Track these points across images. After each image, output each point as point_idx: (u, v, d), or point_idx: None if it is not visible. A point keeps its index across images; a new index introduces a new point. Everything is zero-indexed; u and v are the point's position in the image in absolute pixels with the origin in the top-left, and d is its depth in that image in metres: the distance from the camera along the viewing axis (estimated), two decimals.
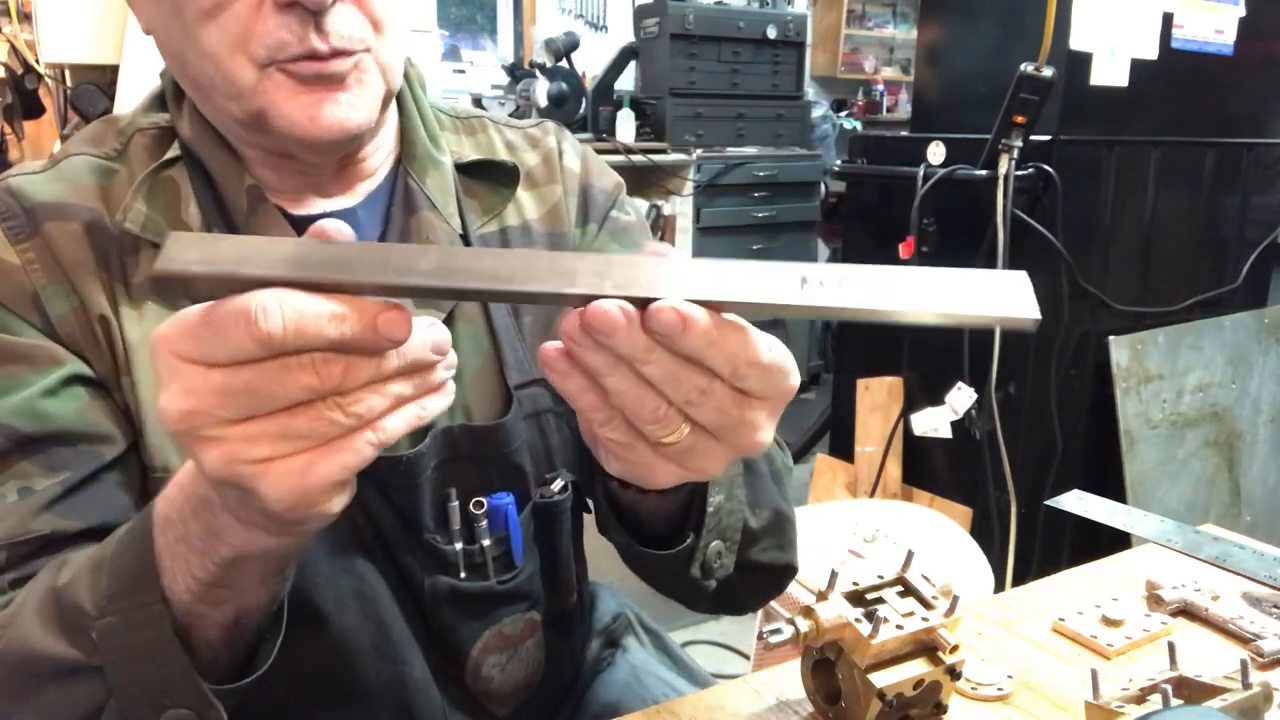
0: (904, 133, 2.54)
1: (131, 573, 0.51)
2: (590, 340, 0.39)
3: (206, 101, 0.66)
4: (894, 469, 2.36)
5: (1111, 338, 2.11)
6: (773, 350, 0.42)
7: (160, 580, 0.50)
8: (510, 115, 0.90)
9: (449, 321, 0.72)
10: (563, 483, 0.76)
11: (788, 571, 0.73)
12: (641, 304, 0.40)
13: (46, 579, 0.56)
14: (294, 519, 0.43)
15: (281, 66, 0.61)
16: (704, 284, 0.40)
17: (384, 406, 0.40)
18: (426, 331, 0.41)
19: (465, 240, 0.75)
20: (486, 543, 0.72)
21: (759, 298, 0.40)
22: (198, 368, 0.39)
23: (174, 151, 0.69)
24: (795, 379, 0.43)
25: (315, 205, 0.71)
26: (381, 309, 0.38)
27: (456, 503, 0.71)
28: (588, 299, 0.39)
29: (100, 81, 2.18)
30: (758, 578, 0.70)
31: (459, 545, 0.71)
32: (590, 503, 0.84)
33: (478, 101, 3.79)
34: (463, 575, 0.72)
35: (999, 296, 0.39)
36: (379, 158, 0.74)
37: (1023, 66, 1.89)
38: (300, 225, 0.69)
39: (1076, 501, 1.03)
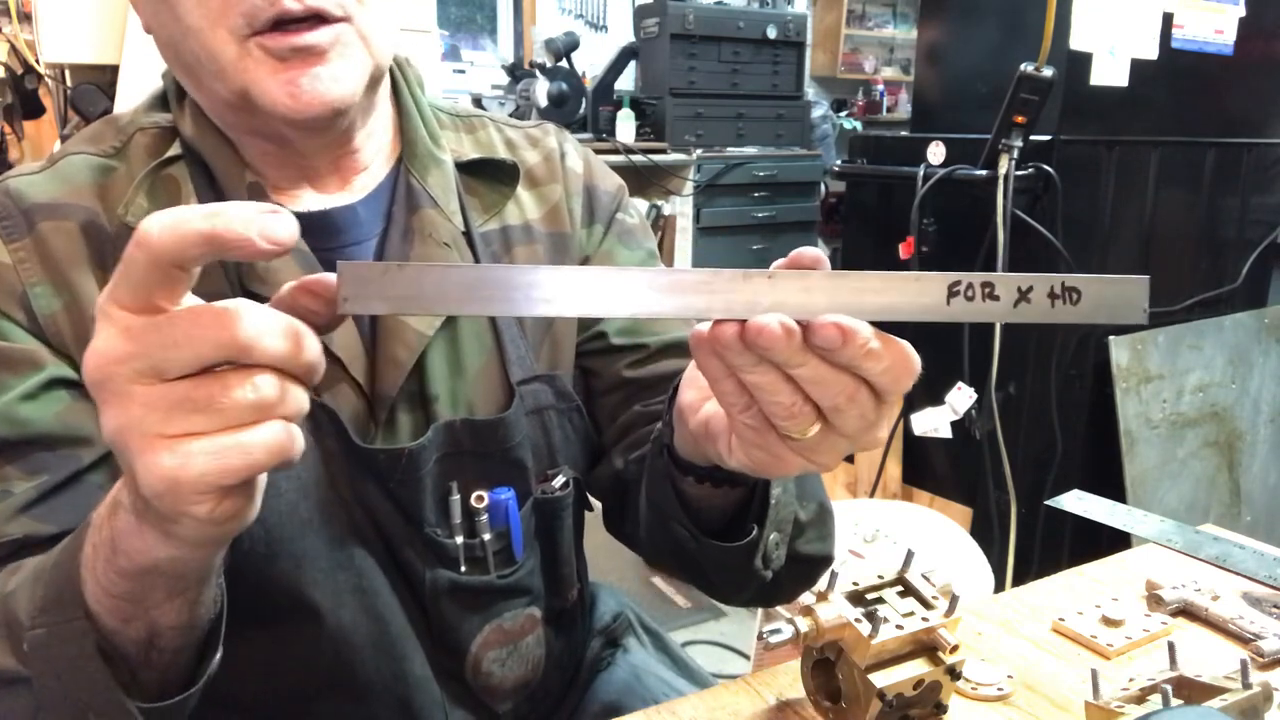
0: (904, 133, 2.54)
1: (60, 585, 0.50)
2: (740, 343, 0.41)
3: (199, 89, 0.66)
4: (894, 469, 2.36)
5: (1111, 338, 2.11)
6: (913, 352, 0.44)
7: (83, 594, 0.49)
8: (510, 115, 0.90)
9: (451, 317, 0.72)
10: (564, 479, 0.77)
11: (826, 562, 0.74)
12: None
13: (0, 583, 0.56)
14: (163, 509, 0.42)
15: (260, 42, 0.61)
16: (856, 300, 0.41)
17: (274, 394, 0.40)
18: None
19: (468, 238, 0.75)
20: (487, 537, 0.72)
21: (910, 315, 0.41)
22: (125, 314, 0.39)
23: (175, 150, 0.69)
24: (919, 366, 0.45)
25: (315, 202, 0.71)
26: (266, 211, 0.38)
27: (458, 496, 0.71)
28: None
29: (100, 81, 2.18)
30: (800, 569, 0.71)
31: (460, 539, 0.72)
32: (593, 500, 0.84)
33: (478, 101, 3.79)
34: (463, 569, 0.72)
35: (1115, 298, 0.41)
36: (372, 150, 0.73)
37: (1023, 66, 1.89)
38: (300, 222, 0.69)
39: (1076, 501, 1.03)
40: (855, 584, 0.67)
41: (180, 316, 0.39)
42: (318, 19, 0.61)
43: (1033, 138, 1.96)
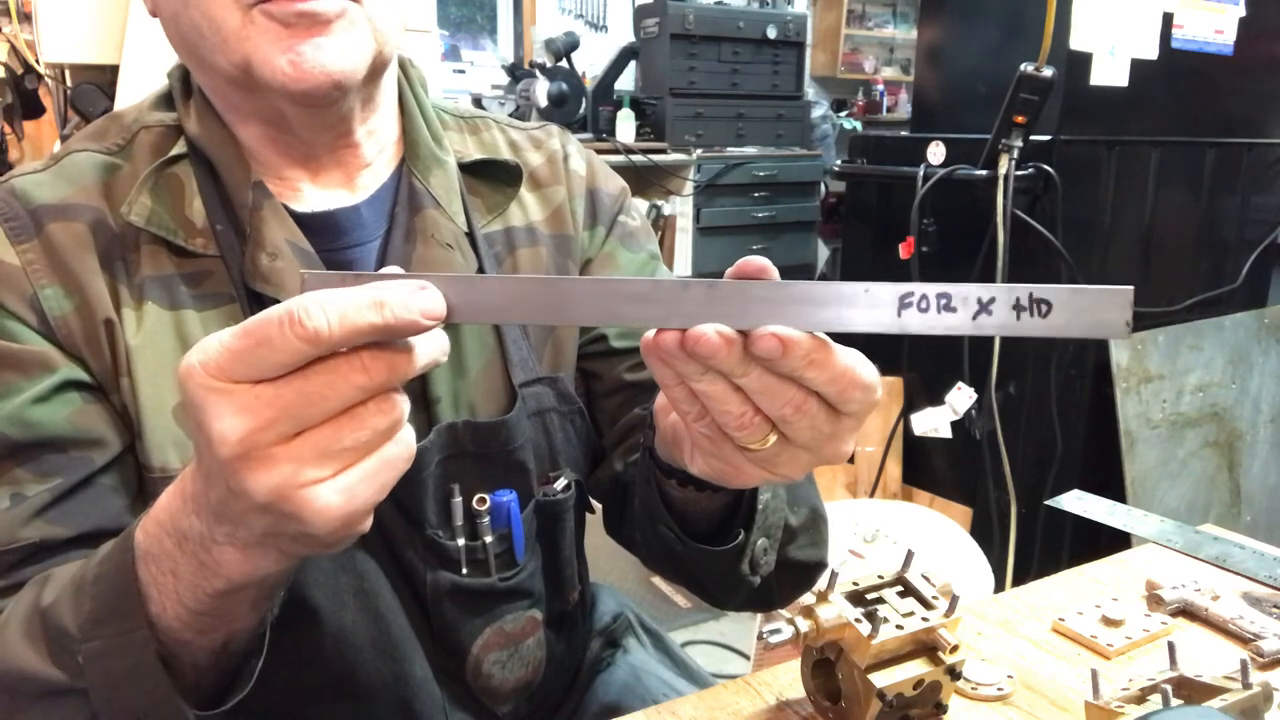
0: (904, 133, 2.54)
1: (114, 598, 0.51)
2: (683, 352, 0.41)
3: (201, 69, 0.66)
4: (894, 469, 2.36)
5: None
6: (864, 366, 0.43)
7: (146, 607, 0.50)
8: (510, 115, 0.90)
9: None
10: (565, 481, 0.77)
11: (819, 568, 0.74)
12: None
13: (31, 596, 0.56)
14: (331, 541, 0.44)
15: (264, 9, 0.60)
16: (801, 310, 0.41)
17: (403, 409, 0.42)
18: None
19: (471, 239, 0.75)
20: (489, 539, 0.72)
21: (857, 326, 0.41)
22: (244, 386, 0.39)
23: (179, 148, 0.69)
24: (880, 392, 0.45)
25: (319, 201, 0.71)
26: (419, 289, 0.40)
27: (460, 499, 0.71)
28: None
29: (100, 81, 2.18)
30: (793, 574, 0.71)
31: (461, 541, 0.72)
32: (595, 503, 0.84)
33: (478, 101, 3.79)
34: (464, 571, 0.72)
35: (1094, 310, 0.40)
36: (374, 147, 0.73)
37: (1023, 66, 1.89)
38: (304, 221, 0.69)
39: (1076, 501, 1.03)
40: (855, 584, 0.67)
41: (315, 373, 0.39)
42: None
43: (1033, 138, 1.96)
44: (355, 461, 0.41)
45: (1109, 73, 2.04)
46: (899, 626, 0.63)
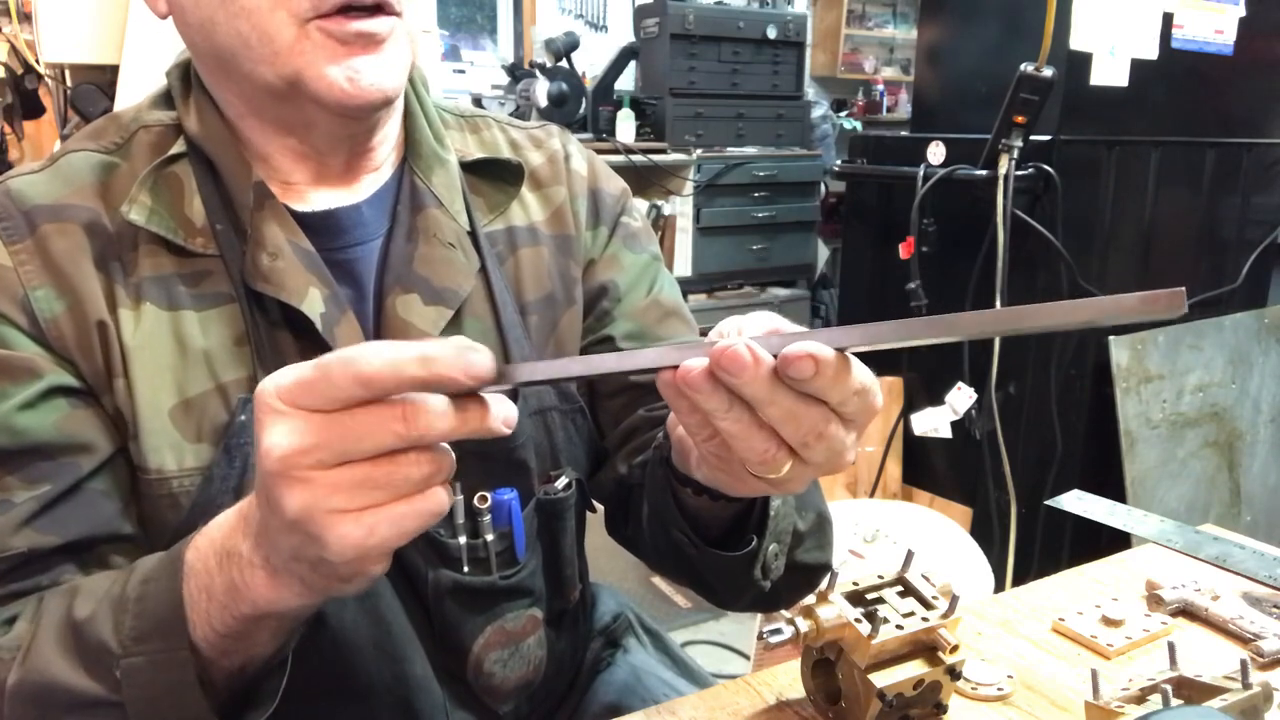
0: (904, 133, 2.54)
1: (159, 617, 0.53)
2: (709, 384, 0.42)
3: (228, 76, 0.66)
4: (894, 469, 2.36)
5: (1111, 338, 2.11)
6: (868, 374, 0.44)
7: (188, 627, 0.52)
8: (510, 115, 0.90)
9: (457, 317, 0.72)
10: (566, 480, 0.77)
11: (824, 570, 0.74)
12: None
13: (60, 608, 0.57)
14: (346, 573, 0.46)
15: (322, 25, 0.61)
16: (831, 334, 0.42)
17: (440, 467, 0.44)
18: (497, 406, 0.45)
19: (473, 237, 0.75)
20: (490, 538, 0.72)
21: (893, 335, 0.41)
22: (300, 411, 0.42)
23: (179, 147, 0.68)
24: (881, 398, 0.46)
25: (321, 201, 0.71)
26: (468, 350, 0.41)
27: (460, 497, 0.71)
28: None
29: (100, 81, 2.18)
30: (799, 577, 0.71)
31: (462, 539, 0.72)
32: (596, 502, 0.84)
33: (478, 101, 3.79)
34: (465, 570, 0.72)
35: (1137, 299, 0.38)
36: (385, 150, 0.73)
37: (1023, 66, 1.89)
38: (305, 222, 0.69)
39: (1076, 501, 1.03)
40: (855, 584, 0.67)
41: (360, 413, 0.42)
42: (378, 9, 0.62)
43: (1033, 138, 1.96)
44: (384, 503, 0.43)
45: (1109, 73, 2.04)
46: (899, 626, 0.63)
